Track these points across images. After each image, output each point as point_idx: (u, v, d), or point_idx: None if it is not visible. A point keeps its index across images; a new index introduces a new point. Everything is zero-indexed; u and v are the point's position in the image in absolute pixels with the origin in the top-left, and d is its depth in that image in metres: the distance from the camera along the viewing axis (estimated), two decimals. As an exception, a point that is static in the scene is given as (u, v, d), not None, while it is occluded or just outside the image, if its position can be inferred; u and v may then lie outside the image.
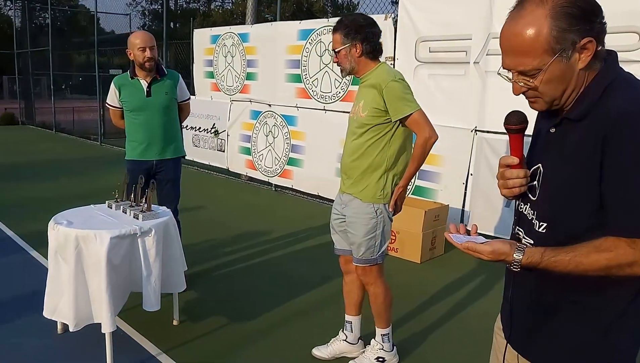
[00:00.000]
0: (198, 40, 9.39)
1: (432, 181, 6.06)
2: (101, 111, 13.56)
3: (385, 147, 2.94)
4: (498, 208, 5.44)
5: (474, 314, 4.04)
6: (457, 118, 5.72)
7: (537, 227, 1.45)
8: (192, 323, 3.77)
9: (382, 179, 2.97)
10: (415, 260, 5.17)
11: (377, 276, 3.11)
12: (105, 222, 3.33)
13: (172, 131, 4.25)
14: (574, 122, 1.38)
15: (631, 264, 1.28)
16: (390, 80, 2.86)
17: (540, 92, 1.39)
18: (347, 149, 3.07)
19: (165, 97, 4.16)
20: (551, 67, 1.33)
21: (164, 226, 3.39)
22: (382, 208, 3.00)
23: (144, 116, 4.14)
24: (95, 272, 3.11)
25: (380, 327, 3.19)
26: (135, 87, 4.13)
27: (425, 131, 2.88)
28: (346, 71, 3.03)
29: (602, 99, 1.33)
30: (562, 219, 1.39)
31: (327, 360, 3.34)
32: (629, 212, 1.26)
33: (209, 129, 9.18)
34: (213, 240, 5.71)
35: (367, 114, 2.92)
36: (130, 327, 3.67)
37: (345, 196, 3.11)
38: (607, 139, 1.27)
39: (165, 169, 4.25)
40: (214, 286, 4.46)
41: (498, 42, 1.45)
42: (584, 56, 1.32)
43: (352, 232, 3.05)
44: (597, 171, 1.30)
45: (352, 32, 2.92)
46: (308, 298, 4.25)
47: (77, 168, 9.83)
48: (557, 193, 1.40)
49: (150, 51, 4.02)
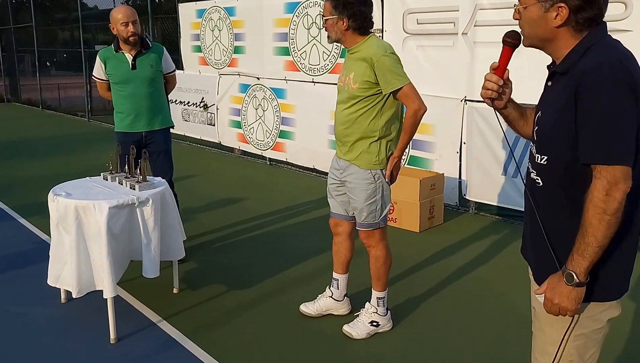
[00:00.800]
0: (184, 14, 9.38)
1: (426, 151, 6.18)
2: (88, 87, 13.53)
3: (377, 116, 3.09)
4: (493, 176, 5.56)
5: (469, 280, 4.21)
6: (446, 88, 5.82)
7: (539, 160, 1.74)
8: (191, 292, 3.93)
9: (375, 145, 3.12)
10: (414, 229, 5.31)
11: (380, 239, 3.28)
12: (102, 193, 3.44)
13: (159, 102, 4.38)
14: (561, 75, 1.69)
15: (607, 193, 1.53)
16: (382, 54, 3.00)
17: (522, 24, 1.74)
18: (338, 118, 3.21)
19: (151, 69, 4.27)
20: (531, 7, 1.68)
21: (161, 195, 3.52)
22: (380, 174, 3.15)
23: (129, 88, 4.26)
24: (96, 241, 3.24)
25: (377, 289, 3.35)
26: (120, 60, 4.24)
27: (415, 104, 3.03)
28: (331, 39, 3.18)
29: (582, 58, 1.62)
30: (552, 150, 1.68)
31: (314, 317, 3.53)
32: (594, 145, 1.55)
33: (197, 103, 9.23)
34: (210, 212, 5.85)
35: (359, 87, 3.05)
36: (132, 296, 3.82)
37: (342, 161, 3.26)
38: (578, 93, 1.57)
39: (156, 141, 4.38)
40: (213, 257, 4.61)
41: (486, 14, 1.69)
42: (557, 18, 1.64)
43: (353, 198, 3.21)
44: (571, 113, 1.59)
45: (340, 6, 3.05)
46: (304, 267, 4.40)
47: (66, 145, 9.87)
48: (546, 130, 1.71)
49: (133, 26, 4.10)
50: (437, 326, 3.51)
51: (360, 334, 3.31)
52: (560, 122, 1.64)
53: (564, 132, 1.62)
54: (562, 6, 1.62)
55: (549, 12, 1.64)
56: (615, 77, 1.52)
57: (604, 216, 1.54)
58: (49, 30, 19.60)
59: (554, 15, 1.63)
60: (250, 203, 6.18)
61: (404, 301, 3.83)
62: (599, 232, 1.55)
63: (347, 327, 3.35)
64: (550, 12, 1.64)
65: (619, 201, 1.54)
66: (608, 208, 1.54)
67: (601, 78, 1.53)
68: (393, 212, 5.45)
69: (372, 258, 3.33)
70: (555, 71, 1.72)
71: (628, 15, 4.48)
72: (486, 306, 3.71)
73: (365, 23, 3.11)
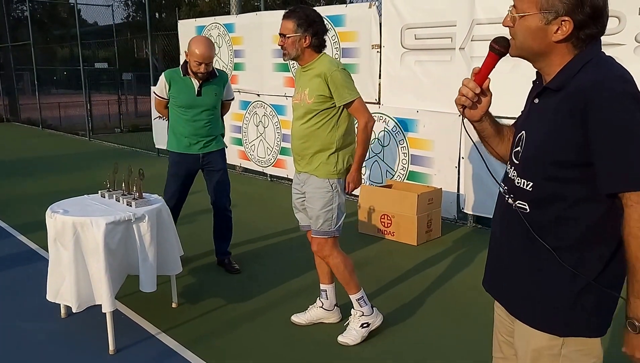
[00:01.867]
0: (183, 31, 9.60)
1: (425, 166, 6.34)
2: (88, 105, 13.78)
3: (333, 129, 3.34)
4: (492, 191, 5.69)
5: (466, 290, 4.34)
6: (444, 103, 5.96)
7: (523, 185, 1.67)
8: (190, 305, 4.07)
9: (333, 157, 3.36)
10: (411, 243, 5.47)
11: (332, 248, 3.45)
12: (100, 210, 3.60)
13: (217, 127, 4.60)
14: (553, 92, 1.61)
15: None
16: (334, 70, 3.26)
17: (515, 32, 1.66)
18: (296, 133, 3.44)
19: (214, 98, 4.49)
20: (531, 17, 1.59)
21: (157, 212, 3.67)
22: (337, 183, 3.38)
23: (192, 113, 4.45)
24: (94, 256, 3.39)
25: (352, 292, 3.52)
26: (187, 84, 4.42)
27: (365, 117, 3.33)
28: (289, 57, 3.39)
29: (578, 74, 1.55)
30: (540, 175, 1.62)
31: (306, 326, 3.72)
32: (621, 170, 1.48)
33: (198, 121, 9.41)
34: (209, 228, 5.98)
35: (314, 101, 3.30)
36: (131, 310, 3.96)
37: (302, 175, 3.49)
38: (586, 111, 1.49)
39: (213, 161, 4.58)
40: (212, 271, 4.76)
41: (482, 29, 1.73)
42: (559, 32, 1.56)
43: (310, 206, 3.42)
44: (570, 135, 1.53)
45: (304, 25, 3.28)
46: (302, 280, 4.54)
47: (66, 164, 10.07)
48: (534, 152, 1.64)
49: (206, 67, 4.29)
50: (431, 333, 3.64)
51: (356, 340, 3.47)
52: (552, 145, 1.58)
53: (559, 155, 1.57)
54: (566, 20, 1.54)
55: (551, 25, 1.56)
56: (624, 92, 1.47)
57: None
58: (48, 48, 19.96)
59: (555, 29, 1.56)
60: (250, 218, 6.32)
61: (399, 307, 3.99)
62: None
63: (341, 337, 3.50)
64: (552, 25, 1.56)
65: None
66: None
67: (609, 95, 1.47)
68: (391, 226, 5.59)
69: (332, 268, 3.52)
70: (547, 87, 1.64)
71: (621, 29, 4.64)
72: (483, 315, 3.83)
73: (324, 41, 3.38)
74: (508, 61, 1.85)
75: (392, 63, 6.47)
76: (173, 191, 4.62)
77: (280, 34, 3.35)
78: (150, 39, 10.94)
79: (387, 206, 5.64)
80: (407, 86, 6.34)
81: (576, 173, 1.56)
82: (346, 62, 6.98)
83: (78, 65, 13.83)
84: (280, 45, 3.37)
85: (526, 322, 1.73)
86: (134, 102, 18.50)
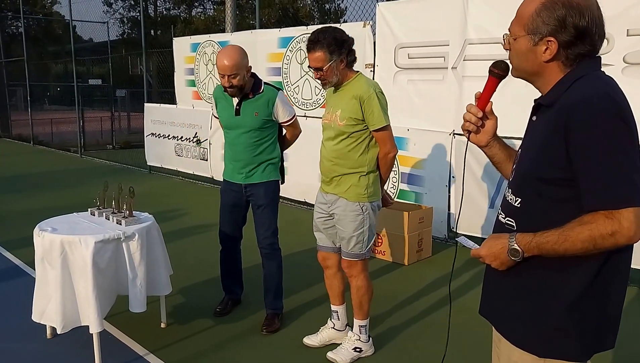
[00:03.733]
0: (178, 48, 9.68)
1: (415, 185, 6.37)
2: (81, 122, 13.80)
3: (365, 151, 3.31)
4: (482, 210, 5.74)
5: (457, 310, 4.31)
6: (435, 122, 6.03)
7: (513, 201, 1.71)
8: (179, 325, 4.04)
9: (364, 179, 3.31)
10: (402, 262, 5.47)
11: (362, 270, 3.45)
12: (89, 228, 3.60)
13: (261, 154, 3.92)
14: (546, 108, 1.66)
15: (612, 233, 1.49)
16: (372, 93, 3.20)
17: (511, 55, 1.74)
18: (327, 154, 3.40)
19: (255, 118, 3.83)
20: (521, 39, 1.67)
21: (147, 230, 3.66)
22: (368, 206, 3.34)
23: (232, 135, 3.97)
24: (81, 276, 3.37)
25: (359, 318, 3.51)
26: (228, 102, 3.93)
27: (387, 146, 3.31)
28: (331, 84, 3.31)
29: (568, 91, 1.60)
30: (528, 191, 1.66)
31: (318, 348, 3.68)
32: (599, 191, 1.50)
33: (191, 138, 9.45)
34: (201, 246, 5.98)
35: (346, 123, 3.25)
36: (119, 330, 3.93)
37: (329, 196, 3.44)
38: (567, 130, 1.53)
39: (255, 194, 3.97)
40: (202, 291, 4.73)
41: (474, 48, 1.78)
42: (546, 53, 1.63)
43: (342, 228, 3.39)
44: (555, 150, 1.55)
45: (336, 49, 3.20)
46: (295, 299, 4.52)
47: (57, 181, 10.04)
48: (524, 168, 1.69)
49: (230, 79, 3.70)
50: (422, 356, 3.63)
51: (345, 360, 3.46)
52: (540, 161, 1.61)
53: (544, 172, 1.60)
54: (551, 40, 1.61)
55: (538, 45, 1.63)
56: (607, 110, 1.50)
57: (590, 247, 1.53)
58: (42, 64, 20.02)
59: (544, 49, 1.62)
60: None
61: (388, 329, 3.99)
62: (572, 249, 1.54)
63: (331, 354, 3.51)
64: (540, 46, 1.63)
65: (617, 245, 1.52)
66: (601, 245, 1.52)
67: (591, 114, 1.50)
68: (381, 245, 5.59)
69: (353, 288, 3.49)
70: (540, 104, 1.70)
71: (610, 49, 4.70)
72: (474, 335, 3.82)
73: (355, 55, 3.33)
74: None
75: (385, 82, 6.50)
76: (223, 223, 4.18)
77: (315, 68, 3.24)
78: (145, 56, 10.99)
79: (377, 225, 5.62)
80: (399, 105, 6.35)
81: (561, 190, 1.59)
82: (341, 81, 7.04)
83: (72, 81, 13.88)
84: (318, 78, 3.27)
85: (509, 340, 1.76)
86: (127, 118, 18.54)
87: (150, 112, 10.41)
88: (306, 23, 18.92)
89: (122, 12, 32.88)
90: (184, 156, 9.69)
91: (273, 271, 4.06)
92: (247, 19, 22.73)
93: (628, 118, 1.52)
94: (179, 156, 9.78)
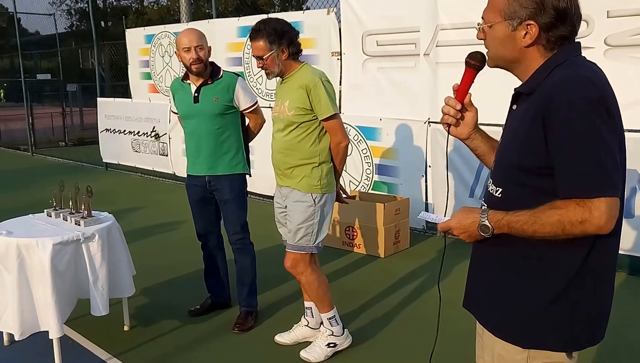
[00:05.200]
0: (131, 40, 9.46)
1: (390, 176, 6.33)
2: (30, 119, 13.41)
3: (315, 142, 3.30)
4: (460, 198, 5.72)
5: (436, 302, 4.35)
6: (409, 111, 5.98)
7: (495, 193, 1.70)
8: (143, 328, 3.96)
9: (316, 170, 3.30)
10: (379, 255, 5.45)
11: (306, 266, 3.39)
12: (46, 230, 3.49)
13: (224, 143, 3.85)
14: (526, 96, 1.64)
15: (582, 221, 1.50)
16: (317, 81, 3.21)
17: (487, 43, 1.71)
18: (277, 146, 3.40)
19: (215, 104, 3.76)
20: (497, 26, 1.65)
21: (108, 230, 3.57)
22: (319, 198, 3.31)
23: (192, 125, 3.87)
24: (40, 280, 3.27)
25: (324, 311, 3.47)
26: (186, 91, 3.86)
27: (338, 136, 3.31)
28: (274, 74, 3.33)
29: (548, 77, 1.58)
30: (509, 181, 1.66)
31: (290, 346, 3.63)
32: (572, 179, 1.51)
33: (148, 133, 9.28)
34: (164, 245, 5.88)
35: (294, 113, 3.25)
36: (80, 335, 3.83)
37: (284, 189, 3.42)
38: (545, 117, 1.52)
39: (220, 188, 3.88)
40: (165, 291, 4.65)
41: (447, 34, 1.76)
42: (527, 37, 1.60)
43: (290, 220, 3.36)
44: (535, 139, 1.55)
45: (276, 39, 3.23)
46: (267, 297, 4.45)
47: (8, 181, 9.73)
48: (505, 158, 1.68)
49: (197, 51, 3.66)
50: (402, 349, 3.63)
51: (319, 358, 3.43)
52: (520, 150, 1.60)
53: (524, 161, 1.59)
54: (531, 24, 1.59)
55: (517, 30, 1.60)
56: (585, 97, 1.48)
57: (558, 232, 1.53)
58: (-13, 59, 19.36)
59: (523, 33, 1.60)
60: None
61: (367, 323, 3.96)
62: (540, 232, 1.55)
63: (303, 353, 3.46)
64: (519, 31, 1.60)
65: (586, 233, 1.52)
66: (569, 231, 1.52)
67: (569, 100, 1.49)
68: (357, 238, 5.59)
69: (304, 286, 3.47)
70: (520, 92, 1.68)
71: (590, 32, 4.71)
72: (454, 327, 3.85)
73: (299, 46, 3.33)
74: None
75: (353, 70, 6.48)
76: (195, 220, 4.10)
77: (257, 57, 3.28)
78: (96, 48, 10.73)
79: (352, 217, 5.63)
80: (369, 94, 6.33)
81: (540, 179, 1.58)
82: (303, 70, 6.99)
83: (19, 76, 13.46)
84: (261, 67, 3.29)
85: (492, 332, 1.75)
86: (79, 114, 18.06)
87: (103, 106, 10.17)
88: (266, 11, 18.73)
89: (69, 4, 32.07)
90: (142, 151, 9.49)
91: (246, 265, 4.00)
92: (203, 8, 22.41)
93: (608, 104, 1.51)
94: (136, 151, 9.58)
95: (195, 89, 3.79)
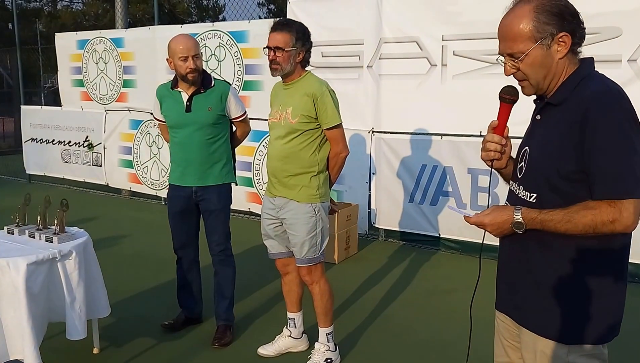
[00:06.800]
0: (61, 45, 9.01)
1: (337, 183, 6.36)
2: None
3: (316, 151, 3.27)
4: (401, 204, 5.97)
5: (398, 304, 4.46)
6: (353, 121, 6.08)
7: (528, 198, 1.81)
8: (115, 349, 3.75)
9: (315, 179, 3.27)
10: (334, 261, 5.54)
11: (321, 275, 3.38)
12: (15, 249, 3.24)
13: (215, 153, 3.79)
14: (555, 106, 1.77)
15: (612, 221, 1.64)
16: (325, 91, 3.21)
17: (525, 74, 1.79)
18: (276, 153, 3.31)
19: (208, 113, 3.70)
20: (533, 51, 1.74)
21: (84, 247, 3.37)
22: (320, 207, 3.29)
23: (182, 134, 3.75)
24: (11, 303, 3.03)
25: (325, 325, 3.44)
26: (176, 99, 3.75)
27: (339, 146, 3.31)
28: (281, 72, 3.25)
29: (578, 88, 1.73)
30: (545, 186, 1.76)
31: (274, 357, 3.58)
32: (606, 181, 1.65)
33: (81, 143, 8.85)
34: (112, 261, 5.58)
35: (298, 121, 3.20)
36: (43, 361, 3.55)
37: (278, 199, 3.34)
38: (584, 122, 1.65)
39: (207, 198, 3.79)
40: (138, 308, 4.44)
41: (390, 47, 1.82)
42: (562, 48, 1.73)
43: (294, 233, 3.29)
44: (572, 145, 1.67)
45: (302, 38, 3.21)
46: (242, 309, 4.33)
47: None
48: (539, 165, 1.79)
49: (194, 61, 3.60)
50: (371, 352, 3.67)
51: None
52: (555, 156, 1.72)
53: (560, 166, 1.71)
54: (562, 35, 1.72)
55: (552, 47, 1.73)
56: (621, 107, 1.65)
57: (589, 231, 1.66)
58: None
59: (557, 48, 1.73)
60: (153, 248, 5.97)
61: (348, 335, 3.94)
62: (572, 230, 1.68)
63: None
64: (553, 47, 1.73)
65: (614, 232, 1.66)
66: (600, 230, 1.65)
67: (607, 108, 1.64)
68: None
69: (316, 295, 3.42)
70: (549, 103, 1.80)
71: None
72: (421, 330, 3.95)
73: (309, 58, 3.33)
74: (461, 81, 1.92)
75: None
76: (174, 233, 3.95)
77: (273, 48, 3.18)
78: (19, 53, 10.14)
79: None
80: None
81: (576, 183, 1.71)
82: (250, 79, 6.95)
83: None
84: (272, 59, 3.19)
85: (534, 331, 1.85)
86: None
87: (28, 115, 9.60)
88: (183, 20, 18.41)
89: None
90: (73, 162, 9.03)
91: (228, 277, 3.92)
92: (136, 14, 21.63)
93: (635, 114, 1.67)
94: (66, 162, 9.10)
95: (187, 97, 3.70)
